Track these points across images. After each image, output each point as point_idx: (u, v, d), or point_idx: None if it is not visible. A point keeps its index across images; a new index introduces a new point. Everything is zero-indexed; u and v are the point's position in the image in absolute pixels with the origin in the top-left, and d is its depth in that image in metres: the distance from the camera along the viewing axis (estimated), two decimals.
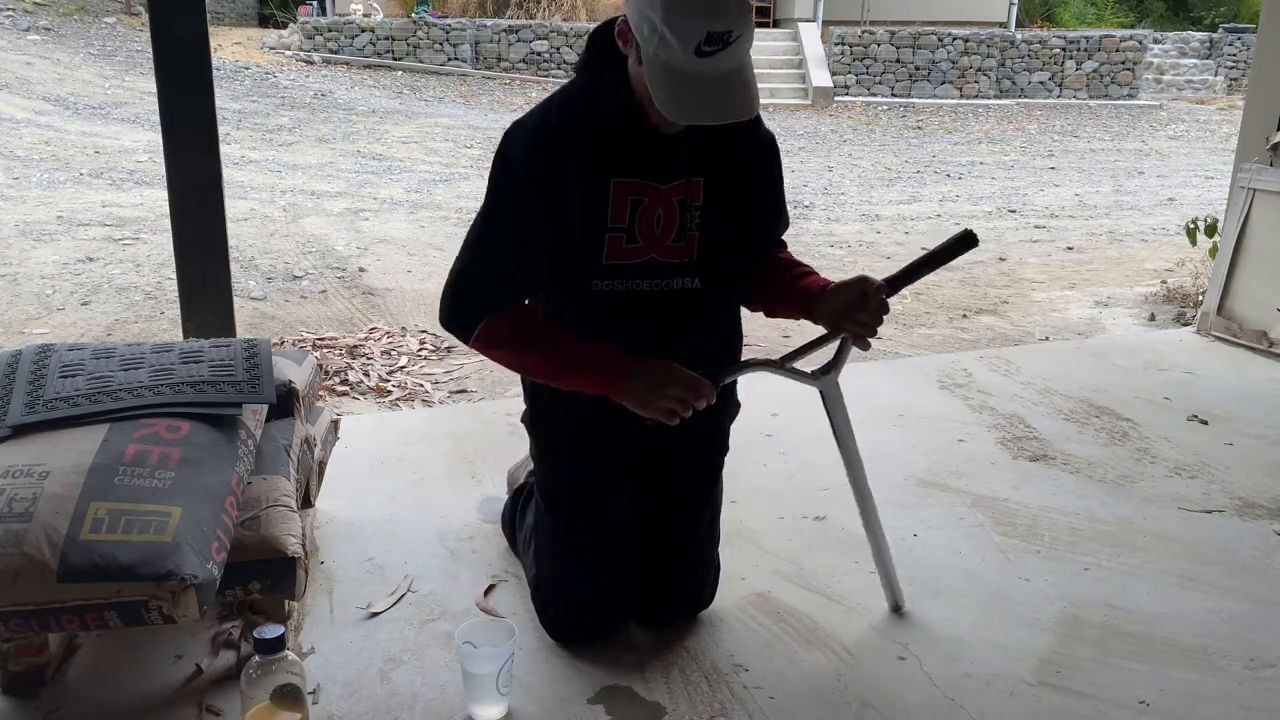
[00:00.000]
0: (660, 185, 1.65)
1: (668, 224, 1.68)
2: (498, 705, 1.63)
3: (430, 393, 3.46)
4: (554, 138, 1.63)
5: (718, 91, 1.49)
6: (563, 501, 1.83)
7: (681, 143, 1.63)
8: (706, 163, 1.69)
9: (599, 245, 1.66)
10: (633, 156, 1.64)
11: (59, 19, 13.10)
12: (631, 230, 1.66)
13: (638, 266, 1.68)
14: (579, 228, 1.65)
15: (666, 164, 1.66)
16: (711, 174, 1.69)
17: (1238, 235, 3.72)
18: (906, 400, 3.08)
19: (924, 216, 7.08)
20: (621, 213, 1.65)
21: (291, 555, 1.66)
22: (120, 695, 1.68)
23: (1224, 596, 2.04)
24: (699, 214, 1.69)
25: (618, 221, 1.65)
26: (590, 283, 1.68)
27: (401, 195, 7.26)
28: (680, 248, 1.69)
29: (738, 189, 1.72)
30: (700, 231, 1.70)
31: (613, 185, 1.64)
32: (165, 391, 1.71)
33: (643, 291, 1.69)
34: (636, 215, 1.66)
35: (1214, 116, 13.16)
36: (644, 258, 1.68)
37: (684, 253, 1.69)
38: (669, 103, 1.50)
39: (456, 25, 13.45)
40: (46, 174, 7.22)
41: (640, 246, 1.67)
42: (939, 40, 13.80)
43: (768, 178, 1.79)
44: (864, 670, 1.79)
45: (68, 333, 4.04)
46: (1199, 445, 2.78)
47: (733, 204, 1.72)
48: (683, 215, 1.68)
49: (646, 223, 1.66)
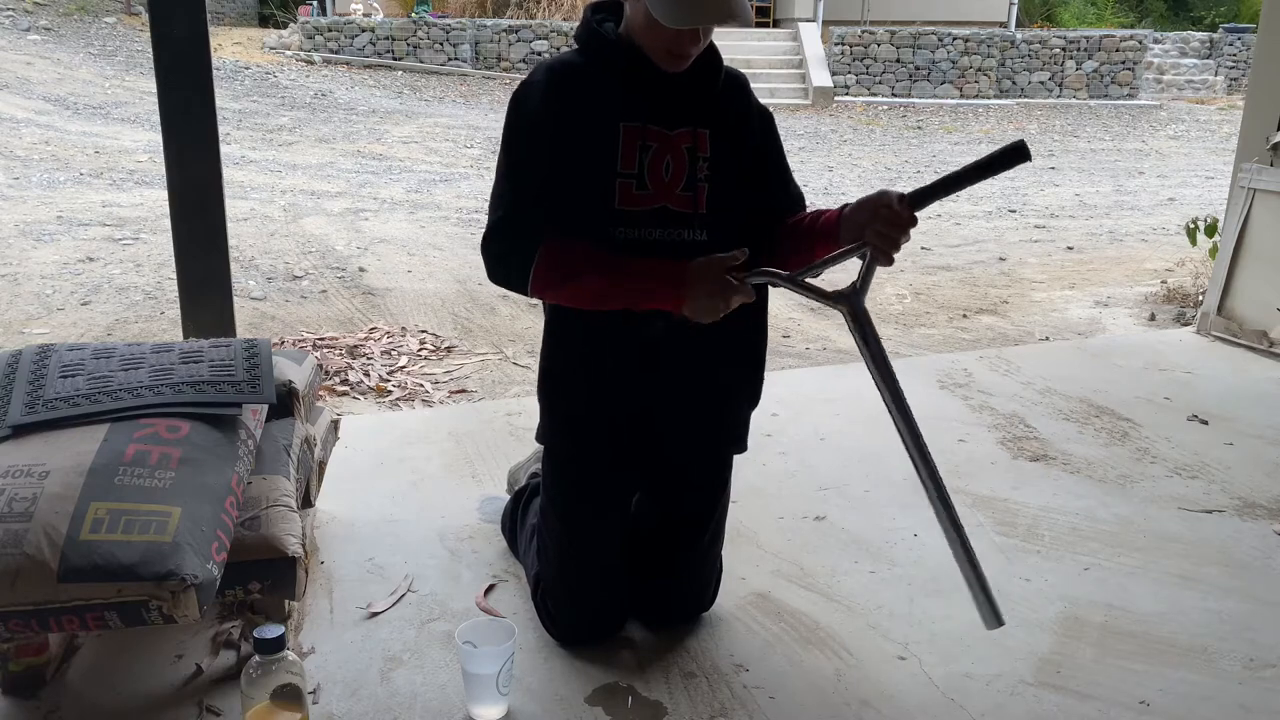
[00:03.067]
0: (668, 131, 1.68)
1: (676, 171, 1.69)
2: (498, 705, 1.63)
3: (430, 393, 3.46)
4: (563, 82, 1.68)
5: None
6: (568, 500, 1.83)
7: (687, 91, 1.67)
8: (711, 115, 1.72)
9: (611, 190, 1.67)
10: (639, 101, 1.67)
11: (59, 19, 13.09)
12: (641, 176, 1.68)
13: (649, 214, 1.68)
14: (590, 172, 1.67)
15: (673, 110, 1.69)
16: (717, 127, 1.72)
17: (1238, 235, 3.72)
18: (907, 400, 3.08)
19: (924, 216, 7.06)
20: (631, 158, 1.67)
21: (291, 555, 1.66)
22: (120, 695, 1.68)
23: (1224, 596, 2.04)
24: (707, 165, 1.71)
25: (627, 167, 1.67)
26: (605, 230, 1.67)
27: (401, 195, 7.26)
28: (689, 197, 1.70)
29: (741, 148, 1.75)
30: (709, 184, 1.71)
31: (621, 129, 1.67)
32: (165, 391, 1.71)
33: (654, 241, 1.69)
34: (645, 160, 1.67)
35: (1214, 116, 13.16)
36: (655, 205, 1.69)
37: (693, 203, 1.70)
38: (664, 7, 1.53)
39: (456, 25, 13.45)
40: (46, 174, 7.22)
41: (650, 193, 1.68)
42: (939, 40, 13.79)
43: (766, 144, 1.80)
44: (864, 670, 1.79)
45: (68, 333, 4.04)
46: (1199, 445, 2.78)
47: (737, 160, 1.74)
48: (692, 164, 1.70)
49: (656, 169, 1.68)
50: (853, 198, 1.69)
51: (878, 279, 1.71)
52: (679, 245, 1.69)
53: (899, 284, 5.18)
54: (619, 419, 1.78)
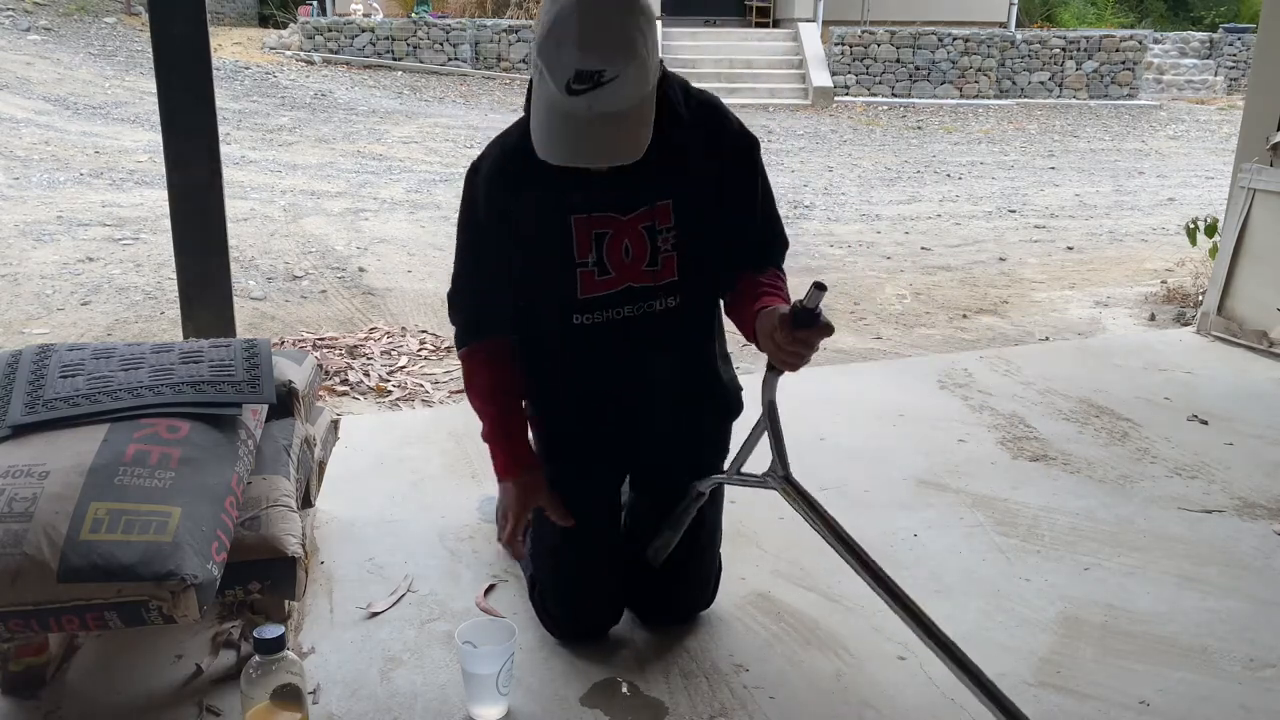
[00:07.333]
0: (621, 217, 1.63)
1: (637, 252, 1.65)
2: (498, 705, 1.63)
3: (430, 393, 3.46)
4: (509, 177, 1.63)
5: (585, 132, 1.42)
6: (562, 496, 1.83)
7: (641, 169, 1.51)
8: (674, 182, 1.64)
9: (572, 280, 1.66)
10: (588, 190, 1.60)
11: (59, 19, 13.10)
12: (601, 263, 1.64)
13: (616, 295, 1.67)
14: (549, 263, 1.65)
15: (625, 194, 1.62)
16: (681, 192, 1.64)
17: (1238, 235, 3.72)
18: (906, 400, 3.08)
19: (924, 216, 7.08)
20: (586, 247, 1.64)
21: (291, 555, 1.66)
22: (120, 695, 1.68)
23: (1224, 596, 2.04)
24: (672, 235, 1.65)
25: (584, 256, 1.64)
26: (572, 316, 1.69)
27: (401, 195, 7.26)
28: (655, 271, 1.67)
29: (712, 200, 1.67)
30: (677, 252, 1.66)
31: (572, 221, 1.63)
32: (165, 391, 1.71)
33: (625, 318, 1.69)
34: (603, 248, 1.64)
35: (1214, 116, 13.15)
36: (620, 286, 1.67)
37: (661, 275, 1.67)
38: (539, 139, 1.46)
39: (456, 25, 13.45)
40: (46, 174, 7.22)
41: (613, 277, 1.66)
42: (939, 40, 13.79)
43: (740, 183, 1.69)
44: (864, 670, 1.79)
45: (68, 333, 4.04)
46: (1199, 445, 2.78)
47: (708, 217, 1.67)
48: (653, 240, 1.65)
49: (615, 254, 1.65)
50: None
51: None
52: (652, 316, 1.69)
53: (899, 284, 5.18)
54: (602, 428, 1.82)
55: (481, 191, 1.65)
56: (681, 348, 1.78)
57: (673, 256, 1.67)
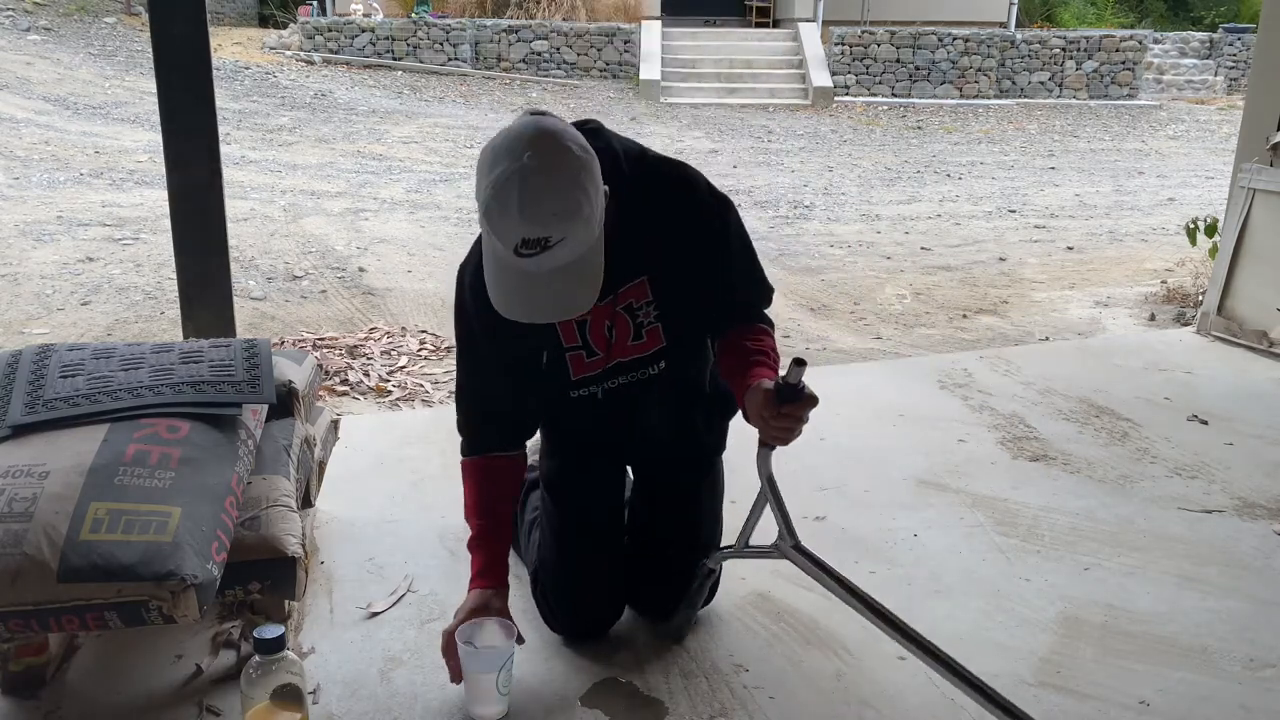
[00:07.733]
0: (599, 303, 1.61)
1: (621, 332, 1.69)
2: (498, 705, 1.63)
3: (430, 393, 3.46)
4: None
5: (540, 288, 1.43)
6: (565, 490, 1.86)
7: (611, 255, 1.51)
8: (645, 259, 1.65)
9: (563, 364, 1.71)
10: None
11: (59, 19, 13.09)
12: (587, 346, 1.70)
13: (607, 371, 1.73)
14: (539, 355, 1.70)
15: None
16: (654, 267, 1.66)
17: (1238, 235, 3.72)
18: (906, 400, 3.08)
19: (924, 216, 7.08)
20: (571, 333, 1.69)
21: (291, 555, 1.66)
22: (120, 695, 1.68)
23: (1224, 596, 2.04)
24: (653, 309, 1.69)
25: (570, 342, 1.69)
26: (571, 393, 1.74)
27: (402, 195, 7.26)
28: (641, 344, 1.71)
29: (689, 269, 1.67)
30: (663, 323, 1.70)
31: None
32: (165, 391, 1.71)
33: (619, 385, 1.74)
34: (585, 333, 1.69)
35: (1214, 116, 13.15)
36: (609, 364, 1.72)
37: (647, 346, 1.71)
38: (495, 297, 1.47)
39: (456, 25, 13.44)
40: (46, 174, 7.22)
41: (601, 357, 1.71)
42: (939, 40, 13.78)
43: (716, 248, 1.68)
44: (864, 670, 1.79)
45: (68, 333, 4.04)
46: (1199, 445, 2.78)
47: (687, 285, 1.68)
48: (634, 317, 1.68)
49: (598, 335, 1.69)
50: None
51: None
52: (648, 382, 1.74)
53: (899, 284, 5.18)
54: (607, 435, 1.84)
55: (468, 298, 1.68)
56: (676, 392, 1.81)
57: (657, 327, 1.71)
